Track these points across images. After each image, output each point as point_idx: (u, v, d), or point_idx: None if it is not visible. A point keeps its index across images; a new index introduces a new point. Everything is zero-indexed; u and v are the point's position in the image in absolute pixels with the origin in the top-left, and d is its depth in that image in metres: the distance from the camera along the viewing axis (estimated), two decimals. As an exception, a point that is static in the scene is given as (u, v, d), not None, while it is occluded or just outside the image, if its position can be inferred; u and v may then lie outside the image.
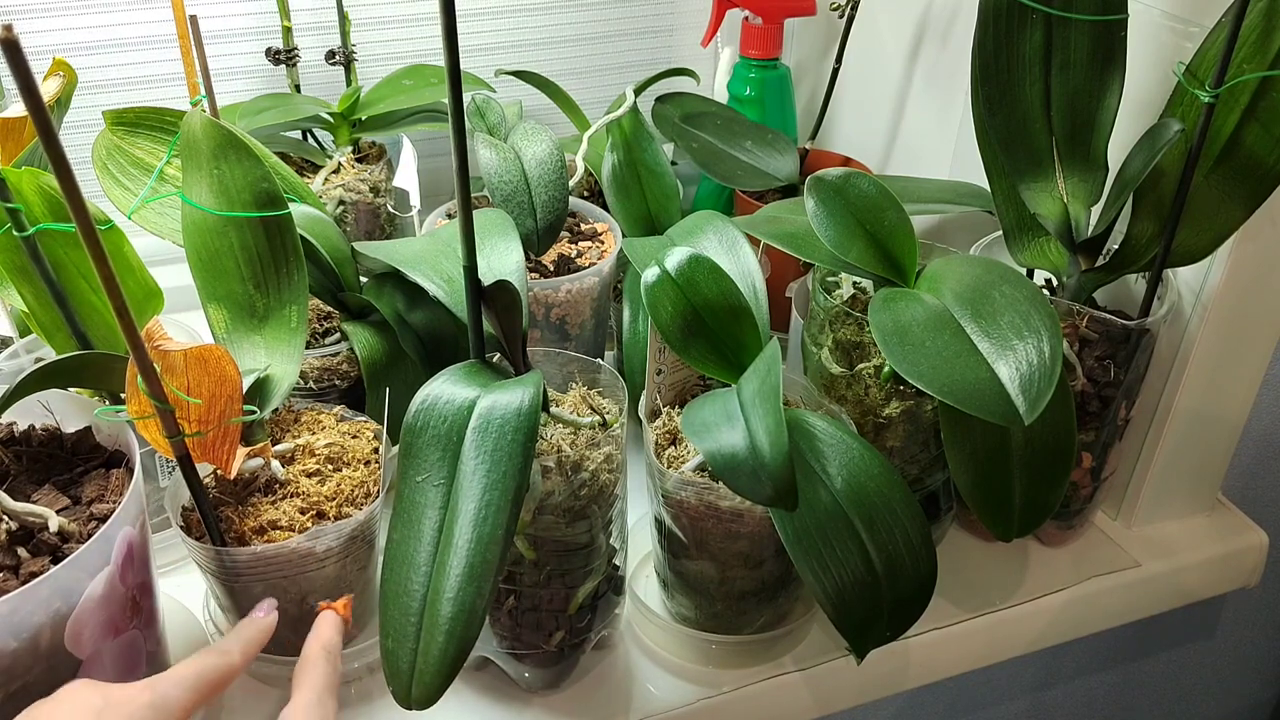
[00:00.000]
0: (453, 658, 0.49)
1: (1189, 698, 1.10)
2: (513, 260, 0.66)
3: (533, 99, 1.03)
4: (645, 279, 0.59)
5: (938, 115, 0.93)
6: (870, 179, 0.66)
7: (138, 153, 0.70)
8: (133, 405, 0.53)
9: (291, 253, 0.65)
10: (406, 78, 0.97)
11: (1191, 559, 0.80)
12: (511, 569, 0.61)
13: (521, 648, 0.63)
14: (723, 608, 0.66)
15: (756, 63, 0.97)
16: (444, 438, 0.53)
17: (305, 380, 0.75)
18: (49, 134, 0.40)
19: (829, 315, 0.71)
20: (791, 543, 0.57)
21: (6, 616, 0.49)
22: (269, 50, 0.93)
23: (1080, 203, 0.68)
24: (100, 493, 0.59)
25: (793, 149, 0.93)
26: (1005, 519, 0.65)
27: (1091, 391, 0.70)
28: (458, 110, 0.49)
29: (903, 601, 0.59)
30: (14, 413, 0.62)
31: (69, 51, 0.92)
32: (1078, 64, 0.66)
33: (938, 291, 0.62)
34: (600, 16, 1.08)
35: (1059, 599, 0.75)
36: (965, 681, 0.92)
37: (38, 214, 0.60)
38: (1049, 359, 0.54)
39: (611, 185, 0.86)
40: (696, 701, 0.66)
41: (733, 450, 0.52)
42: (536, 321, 0.78)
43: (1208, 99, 0.60)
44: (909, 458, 0.70)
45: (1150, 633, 0.97)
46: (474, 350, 0.58)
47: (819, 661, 0.69)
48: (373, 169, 0.94)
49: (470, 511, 0.51)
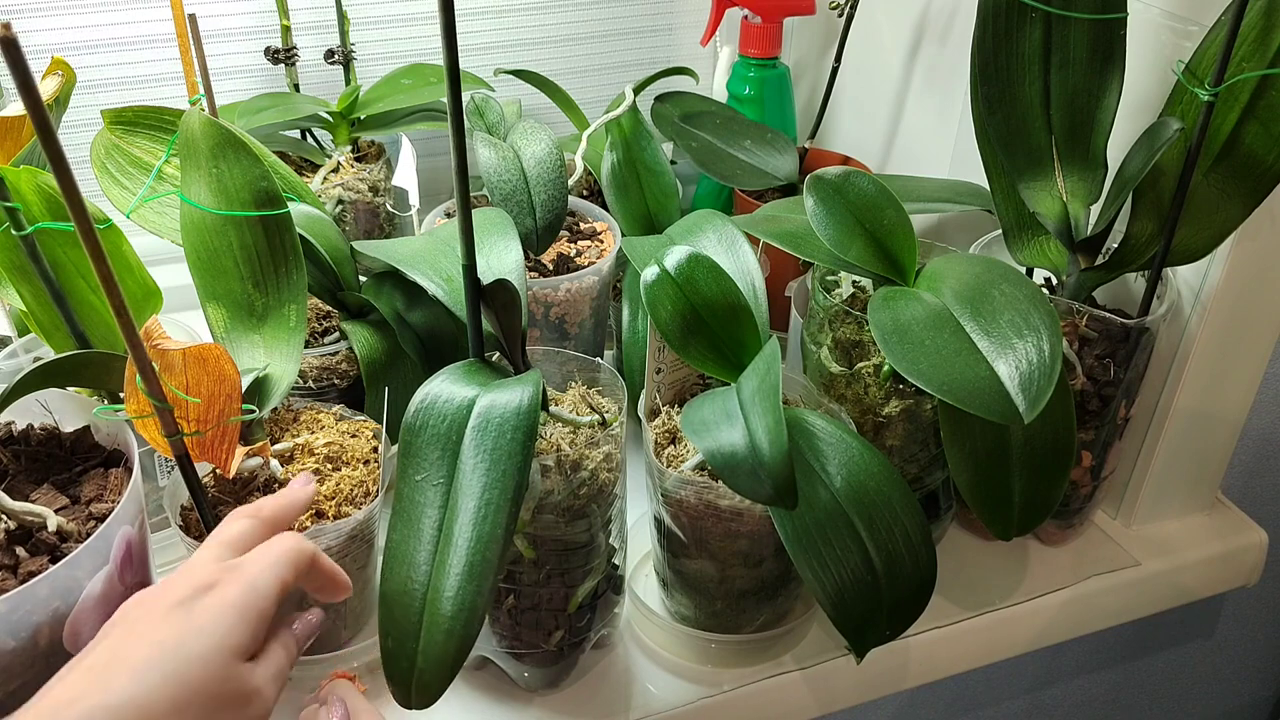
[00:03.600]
0: (453, 657, 0.49)
1: (1188, 696, 1.10)
2: (512, 259, 0.66)
3: (532, 98, 1.03)
4: (645, 278, 0.59)
5: (937, 114, 0.93)
6: (869, 178, 0.66)
7: (136, 152, 0.70)
8: (131, 404, 0.53)
9: (290, 252, 0.65)
10: (405, 77, 0.97)
11: (1191, 558, 0.80)
12: (511, 568, 0.61)
13: (521, 647, 0.63)
14: (722, 607, 0.66)
15: (756, 62, 0.97)
16: (443, 437, 0.53)
17: (304, 379, 0.75)
18: (47, 133, 0.40)
19: (828, 314, 0.71)
20: (791, 542, 0.57)
21: (5, 615, 0.49)
22: (268, 49, 0.93)
23: (1080, 201, 0.68)
24: (99, 492, 0.59)
25: (792, 148, 0.92)
26: (1005, 518, 0.65)
27: (1091, 390, 0.70)
28: (457, 109, 0.49)
29: (902, 600, 0.59)
30: (13, 412, 0.62)
31: (67, 50, 0.91)
32: (1077, 62, 0.66)
33: (937, 290, 0.62)
34: (599, 16, 1.08)
35: (1058, 598, 0.75)
36: (965, 680, 0.92)
37: (36, 213, 0.60)
38: (1049, 357, 0.54)
39: (611, 184, 0.86)
40: (696, 701, 0.66)
41: (732, 449, 0.52)
42: (536, 320, 0.78)
43: (1207, 97, 0.60)
44: (908, 456, 0.70)
45: (1149, 632, 0.97)
46: (473, 349, 0.58)
47: (819, 660, 0.69)
48: (372, 168, 0.94)
49: (470, 510, 0.51)
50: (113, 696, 0.41)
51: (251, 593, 0.46)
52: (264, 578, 0.47)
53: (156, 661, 0.43)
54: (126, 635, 0.45)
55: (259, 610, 0.46)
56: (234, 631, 0.45)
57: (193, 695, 0.43)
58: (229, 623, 0.45)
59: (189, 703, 0.43)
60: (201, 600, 0.45)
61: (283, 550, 0.48)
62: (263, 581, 0.47)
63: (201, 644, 0.44)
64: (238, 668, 0.45)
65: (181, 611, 0.45)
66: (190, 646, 0.44)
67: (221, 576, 0.47)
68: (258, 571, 0.47)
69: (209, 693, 0.43)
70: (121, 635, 0.45)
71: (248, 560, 0.48)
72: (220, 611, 0.45)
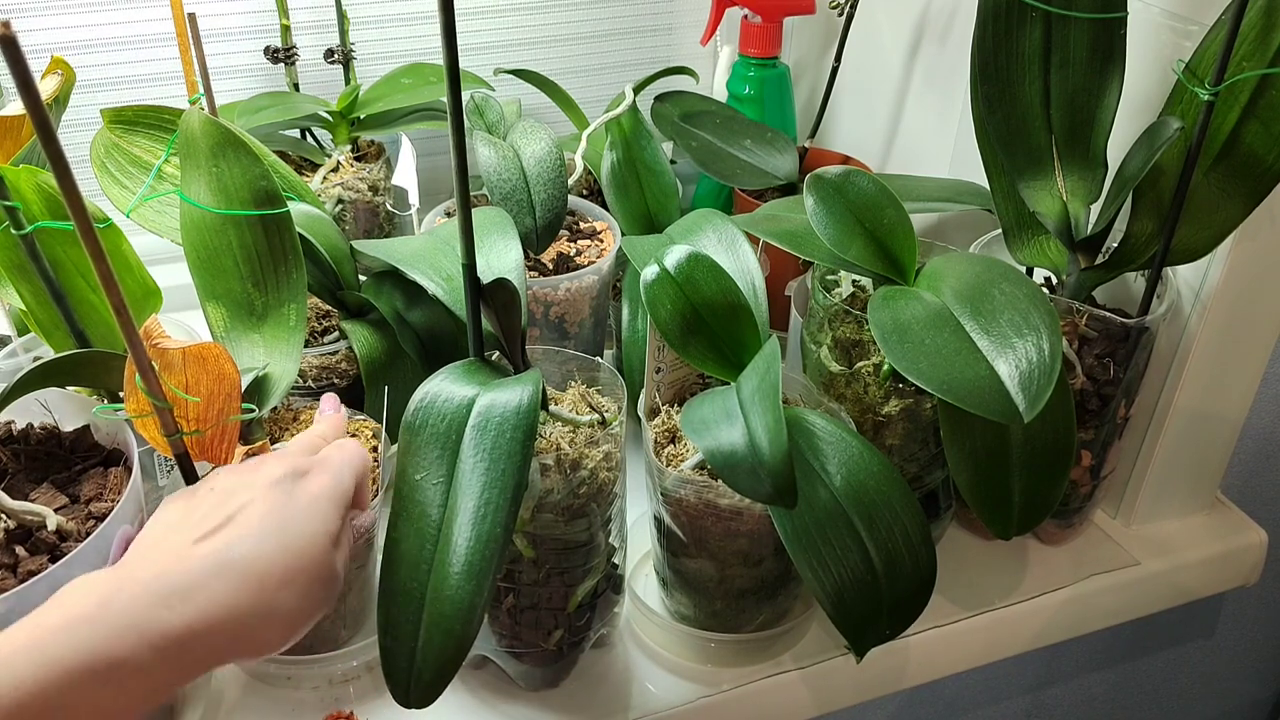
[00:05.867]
0: (451, 656, 0.49)
1: (1188, 696, 1.10)
2: (511, 258, 0.66)
3: (532, 97, 1.03)
4: (644, 277, 0.59)
5: (937, 113, 0.93)
6: (869, 177, 0.66)
7: (136, 151, 0.70)
8: (131, 403, 0.53)
9: (290, 251, 0.65)
10: (405, 76, 0.97)
11: (1191, 557, 0.80)
12: (510, 567, 0.61)
13: (520, 646, 0.63)
14: (722, 606, 0.66)
15: (756, 61, 0.97)
16: (443, 436, 0.53)
17: (304, 379, 0.75)
18: (47, 132, 0.40)
19: (828, 313, 0.71)
20: (790, 541, 0.57)
21: (4, 615, 0.49)
22: (267, 49, 0.93)
23: (1080, 201, 0.68)
24: (98, 491, 0.59)
25: (792, 147, 0.92)
26: (1004, 517, 0.65)
27: (1091, 389, 0.70)
28: (456, 109, 0.49)
29: (902, 600, 0.59)
30: (12, 411, 0.62)
31: (67, 49, 0.91)
32: (1077, 62, 0.66)
33: (937, 290, 0.62)
34: (599, 15, 1.08)
35: (1058, 597, 0.75)
36: (964, 680, 0.92)
37: (36, 212, 0.60)
38: (1049, 357, 0.54)
39: (610, 184, 0.86)
40: (695, 700, 0.66)
41: (732, 448, 0.52)
42: (535, 320, 0.78)
43: (1207, 97, 0.60)
44: (908, 456, 0.70)
45: (1149, 631, 0.97)
46: (473, 348, 0.58)
47: (818, 660, 0.68)
48: (371, 167, 0.94)
49: (469, 509, 0.51)
50: (235, 555, 0.44)
51: (338, 484, 0.49)
52: (344, 472, 0.50)
53: (272, 532, 0.45)
54: (229, 500, 0.47)
55: (345, 500, 0.50)
56: (329, 518, 0.48)
57: (299, 571, 0.45)
58: (325, 509, 0.48)
59: (295, 577, 0.45)
60: (300, 484, 0.48)
61: (354, 449, 0.53)
62: (345, 475, 0.50)
63: (309, 525, 0.47)
64: (332, 552, 0.47)
65: (280, 492, 0.47)
66: (299, 525, 0.46)
67: (312, 466, 0.50)
68: (340, 465, 0.51)
69: (310, 571, 0.46)
70: (224, 501, 0.47)
71: (329, 455, 0.51)
72: (318, 497, 0.48)
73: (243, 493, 0.47)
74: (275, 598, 0.44)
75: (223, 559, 0.44)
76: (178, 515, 0.47)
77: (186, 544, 0.44)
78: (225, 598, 0.43)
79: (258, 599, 0.43)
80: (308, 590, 0.45)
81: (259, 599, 0.43)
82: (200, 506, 0.47)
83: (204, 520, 0.46)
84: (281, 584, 0.44)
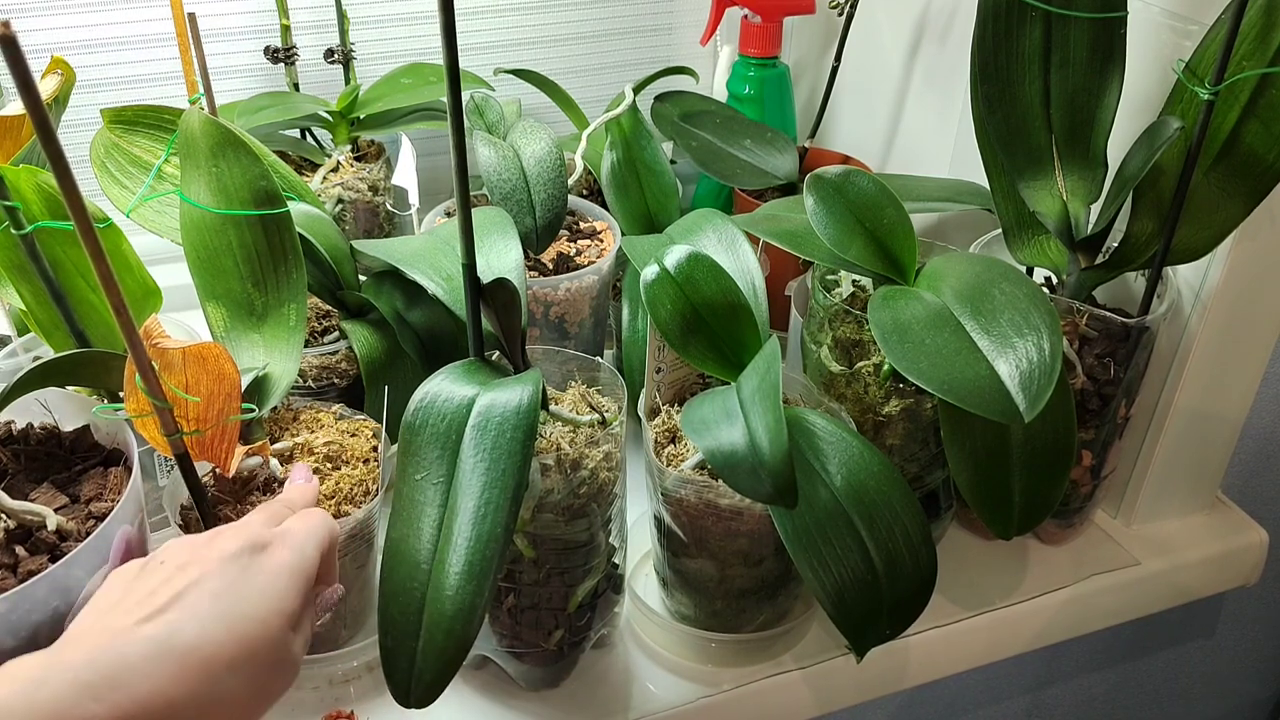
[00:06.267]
0: (452, 656, 0.49)
1: (1188, 696, 1.10)
2: (511, 258, 0.66)
3: (531, 97, 1.02)
4: (644, 277, 0.59)
5: (937, 113, 0.93)
6: (870, 177, 0.66)
7: (136, 151, 0.70)
8: (131, 403, 0.53)
9: (290, 251, 0.65)
10: (405, 76, 0.97)
11: (1191, 557, 0.80)
12: (511, 567, 0.61)
13: (521, 646, 0.63)
14: (722, 606, 0.66)
15: (756, 61, 0.97)
16: (443, 436, 0.53)
17: (304, 379, 0.75)
18: (47, 132, 0.40)
19: (828, 313, 0.71)
20: (791, 541, 0.57)
21: (4, 615, 0.49)
22: (267, 49, 0.93)
23: (1080, 200, 0.68)
24: (98, 491, 0.59)
25: (792, 147, 0.92)
26: (1005, 517, 0.65)
27: (1091, 389, 0.70)
28: (456, 109, 0.49)
29: (902, 600, 0.59)
30: (12, 411, 0.62)
31: (67, 49, 0.91)
32: (1077, 62, 0.66)
33: (937, 289, 0.62)
34: (599, 15, 1.08)
35: (1058, 597, 0.75)
36: (964, 680, 0.92)
37: (36, 212, 0.60)
38: (1049, 356, 0.54)
39: (610, 183, 0.86)
40: (696, 700, 0.66)
41: (732, 448, 0.52)
42: (535, 320, 0.78)
43: (1207, 96, 0.60)
44: (909, 456, 0.70)
45: (1149, 631, 0.97)
46: (473, 348, 0.58)
47: (818, 660, 0.68)
48: (371, 167, 0.94)
49: (469, 509, 0.51)
50: (178, 640, 0.41)
51: (300, 560, 0.46)
52: (307, 545, 0.47)
53: (220, 615, 0.42)
54: (178, 576, 0.44)
55: (307, 577, 0.46)
56: (287, 597, 0.45)
57: (249, 657, 0.42)
58: (283, 588, 0.45)
59: (244, 663, 0.42)
60: (258, 559, 0.45)
61: (320, 521, 0.50)
62: (308, 549, 0.47)
63: (262, 606, 0.44)
64: (287, 634, 0.45)
65: (236, 567, 0.44)
66: (251, 606, 0.43)
67: (273, 539, 0.47)
68: (303, 538, 0.47)
69: (260, 658, 0.43)
70: (172, 576, 0.44)
71: (292, 528, 0.48)
72: (277, 575, 0.45)
73: (194, 568, 0.44)
74: (220, 686, 0.41)
75: (163, 645, 0.41)
76: (122, 591, 0.44)
77: (128, 625, 0.41)
78: (163, 685, 0.40)
79: (199, 688, 0.40)
80: (255, 677, 0.43)
81: (200, 688, 0.41)
82: (148, 581, 0.44)
83: (150, 597, 0.43)
84: (229, 670, 0.42)
